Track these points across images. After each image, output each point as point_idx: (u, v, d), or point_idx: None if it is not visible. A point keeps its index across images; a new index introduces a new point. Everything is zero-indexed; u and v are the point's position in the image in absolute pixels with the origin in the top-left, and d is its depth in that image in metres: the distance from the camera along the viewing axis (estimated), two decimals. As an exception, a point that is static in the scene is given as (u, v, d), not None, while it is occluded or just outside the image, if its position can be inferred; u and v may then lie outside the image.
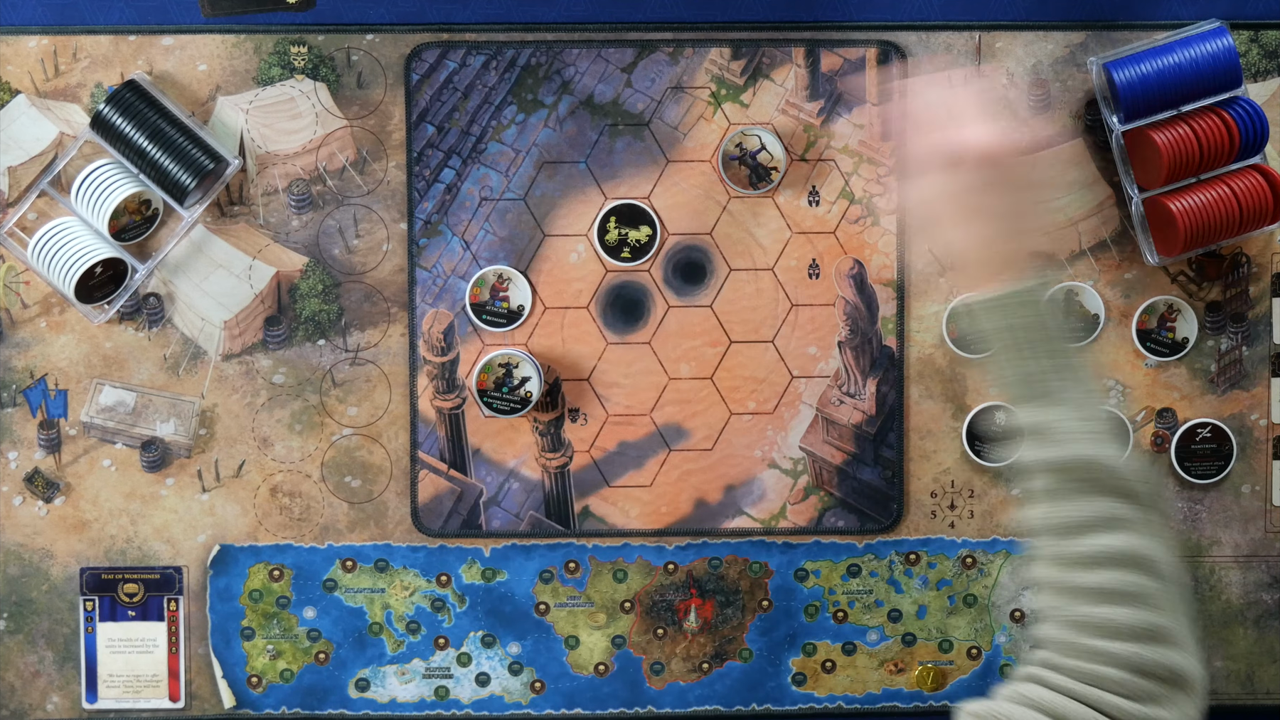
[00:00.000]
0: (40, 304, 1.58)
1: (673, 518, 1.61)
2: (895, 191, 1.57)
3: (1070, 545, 1.25)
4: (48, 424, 1.59)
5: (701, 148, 1.58)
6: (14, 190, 1.57)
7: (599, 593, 1.63)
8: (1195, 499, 1.62)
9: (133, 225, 1.56)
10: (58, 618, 1.61)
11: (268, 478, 1.60)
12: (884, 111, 1.55)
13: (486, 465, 1.61)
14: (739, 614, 1.63)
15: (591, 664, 1.64)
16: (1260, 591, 1.63)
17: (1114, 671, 1.23)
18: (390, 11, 1.57)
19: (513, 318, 1.58)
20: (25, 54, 1.56)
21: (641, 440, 1.61)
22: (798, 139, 1.58)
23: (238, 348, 1.59)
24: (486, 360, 1.58)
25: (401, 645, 1.63)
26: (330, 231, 1.59)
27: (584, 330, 1.59)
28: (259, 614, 1.62)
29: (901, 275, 1.59)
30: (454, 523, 1.61)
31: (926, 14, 1.57)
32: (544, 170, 1.58)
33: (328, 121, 1.58)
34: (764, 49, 1.57)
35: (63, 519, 1.60)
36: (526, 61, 1.57)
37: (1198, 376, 1.61)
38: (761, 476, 1.61)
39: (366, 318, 1.59)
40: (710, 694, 1.64)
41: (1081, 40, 1.58)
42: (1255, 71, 1.58)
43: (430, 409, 1.60)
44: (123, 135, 1.53)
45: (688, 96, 1.58)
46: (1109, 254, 1.60)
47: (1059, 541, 1.26)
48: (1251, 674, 1.64)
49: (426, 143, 1.58)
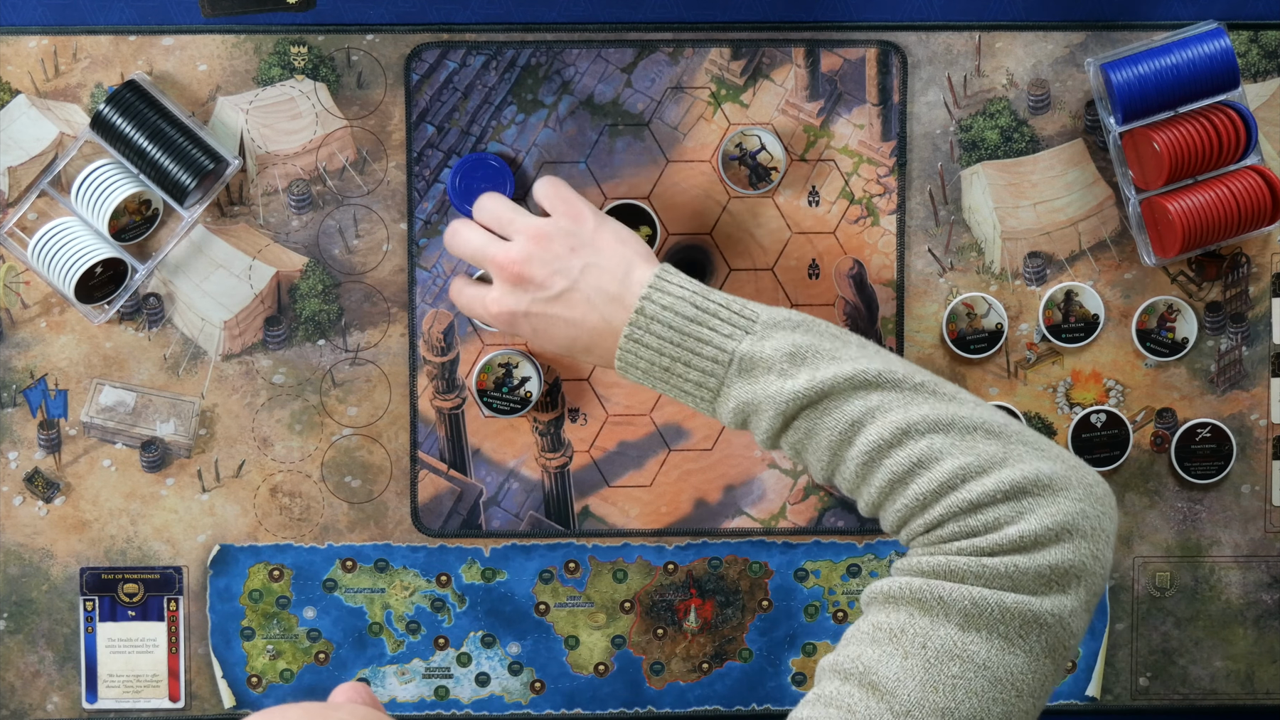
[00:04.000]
0: (40, 304, 1.58)
1: (673, 518, 1.61)
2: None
3: (850, 460, 1.25)
4: (48, 424, 1.59)
5: (701, 148, 1.58)
6: (14, 190, 1.57)
7: (599, 593, 1.63)
8: (1195, 499, 1.62)
9: (133, 225, 1.56)
10: (58, 618, 1.61)
11: (268, 478, 1.60)
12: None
13: (486, 465, 1.61)
14: (739, 614, 1.64)
15: (591, 664, 1.64)
16: (1260, 591, 1.63)
17: (955, 525, 1.22)
18: (390, 11, 1.57)
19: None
20: (25, 54, 1.56)
21: (641, 440, 1.61)
22: (797, 139, 1.58)
23: (238, 348, 1.59)
24: (486, 360, 1.58)
25: (401, 645, 1.63)
26: (330, 231, 1.59)
27: (585, 330, 1.59)
28: (259, 614, 1.62)
29: (901, 275, 1.59)
30: (454, 523, 1.61)
31: (926, 14, 1.57)
32: (544, 170, 1.58)
33: (328, 121, 1.58)
34: (764, 49, 1.57)
35: (63, 519, 1.60)
36: (526, 61, 1.57)
37: (1198, 376, 1.61)
38: (761, 476, 1.61)
39: (366, 318, 1.59)
40: (710, 694, 1.64)
41: (1081, 40, 1.58)
42: (1255, 72, 1.58)
43: (430, 409, 1.60)
44: (123, 135, 1.53)
45: (688, 96, 1.58)
46: (1109, 254, 1.60)
47: (841, 465, 1.26)
48: (1251, 674, 1.64)
49: (426, 143, 1.58)
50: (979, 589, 1.19)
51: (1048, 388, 1.61)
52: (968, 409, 1.25)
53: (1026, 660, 1.19)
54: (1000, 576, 1.19)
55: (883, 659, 1.19)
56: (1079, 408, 1.61)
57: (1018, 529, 1.20)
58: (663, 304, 1.35)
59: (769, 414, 1.29)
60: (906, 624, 1.20)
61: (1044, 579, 1.19)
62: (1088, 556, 1.21)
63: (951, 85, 1.58)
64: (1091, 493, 1.23)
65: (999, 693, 1.18)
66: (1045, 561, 1.19)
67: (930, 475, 1.22)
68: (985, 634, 1.19)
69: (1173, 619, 1.64)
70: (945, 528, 1.22)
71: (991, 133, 1.58)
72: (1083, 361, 1.61)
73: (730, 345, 1.32)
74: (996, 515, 1.20)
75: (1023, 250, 1.59)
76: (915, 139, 1.59)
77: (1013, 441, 1.23)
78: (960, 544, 1.21)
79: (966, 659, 1.18)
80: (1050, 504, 1.20)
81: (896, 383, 1.27)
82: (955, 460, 1.22)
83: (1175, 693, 1.64)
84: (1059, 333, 1.60)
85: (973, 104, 1.58)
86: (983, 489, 1.20)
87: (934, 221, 1.59)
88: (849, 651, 1.22)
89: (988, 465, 1.22)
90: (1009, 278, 1.60)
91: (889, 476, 1.24)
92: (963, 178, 1.59)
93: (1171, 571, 1.63)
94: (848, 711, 1.18)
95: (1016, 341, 1.60)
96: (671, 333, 1.34)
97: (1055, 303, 1.60)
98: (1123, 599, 1.63)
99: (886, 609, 1.22)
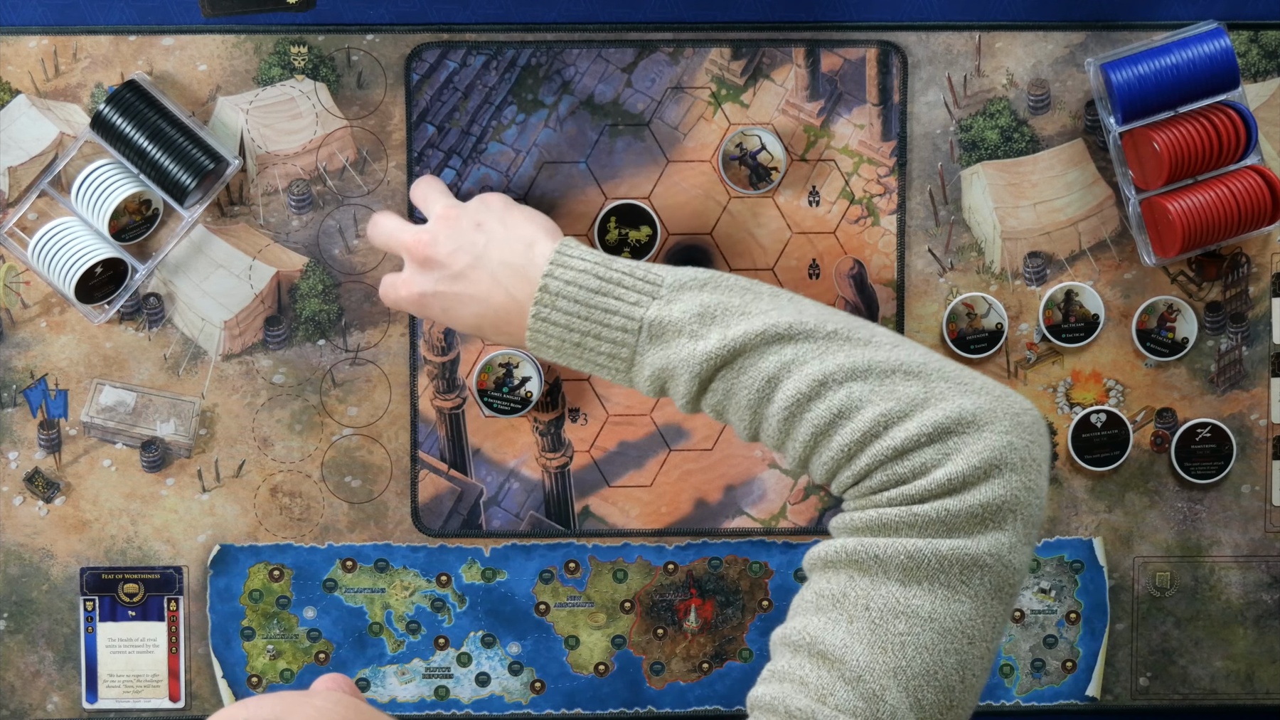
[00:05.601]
0: (40, 304, 1.58)
1: (673, 518, 1.61)
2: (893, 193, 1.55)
3: (771, 418, 1.24)
4: (48, 424, 1.59)
5: (702, 148, 1.58)
6: (14, 190, 1.57)
7: (599, 593, 1.63)
8: (1195, 499, 1.62)
9: (133, 225, 1.56)
10: (58, 618, 1.61)
11: (268, 478, 1.60)
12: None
13: (487, 465, 1.61)
14: (739, 614, 1.64)
15: (591, 664, 1.64)
16: (1260, 591, 1.63)
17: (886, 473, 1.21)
18: (390, 11, 1.57)
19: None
20: (25, 54, 1.56)
21: (642, 440, 1.61)
22: (798, 139, 1.58)
23: (238, 348, 1.59)
24: (486, 360, 1.58)
25: (401, 645, 1.63)
26: (330, 231, 1.59)
27: (585, 330, 1.59)
28: (259, 614, 1.62)
29: (901, 275, 1.59)
30: (454, 523, 1.61)
31: (926, 14, 1.57)
32: (544, 170, 1.58)
33: (328, 121, 1.58)
34: (764, 49, 1.57)
35: (63, 519, 1.60)
36: (527, 61, 1.57)
37: (1198, 376, 1.61)
38: (761, 476, 1.61)
39: (366, 318, 1.59)
40: (710, 694, 1.64)
41: (1081, 40, 1.58)
42: (1255, 72, 1.58)
43: (430, 409, 1.60)
44: (123, 135, 1.53)
45: (688, 96, 1.58)
46: (1109, 254, 1.60)
47: (763, 424, 1.25)
48: (1251, 674, 1.64)
49: (427, 143, 1.58)
50: (913, 539, 1.17)
51: (1048, 388, 1.61)
52: (884, 351, 1.23)
53: (973, 605, 1.17)
54: (933, 523, 1.17)
55: (828, 626, 1.18)
56: (1079, 408, 1.61)
57: (945, 471, 1.17)
58: (565, 279, 1.33)
59: (684, 378, 1.27)
60: (847, 587, 1.19)
61: (977, 519, 1.17)
62: (1019, 489, 1.18)
63: (951, 85, 1.58)
64: (1018, 422, 1.20)
65: (950, 643, 1.16)
66: (976, 500, 1.17)
67: (852, 425, 1.20)
68: (927, 585, 1.17)
69: (1173, 619, 1.64)
70: (874, 478, 1.20)
71: (991, 133, 1.58)
72: (1083, 361, 1.61)
73: (638, 312, 1.30)
74: (923, 460, 1.18)
75: (1023, 250, 1.59)
76: (915, 139, 1.59)
77: (933, 379, 1.21)
78: (890, 494, 1.19)
79: (911, 614, 1.16)
80: (976, 441, 1.18)
81: (809, 333, 1.24)
82: (876, 407, 1.20)
83: (1175, 693, 1.64)
84: (1059, 333, 1.60)
85: (973, 104, 1.58)
86: (906, 434, 1.18)
87: (934, 221, 1.59)
88: (796, 623, 1.21)
89: (909, 408, 1.19)
90: (1009, 278, 1.60)
91: (811, 430, 1.22)
92: (963, 178, 1.59)
93: (1171, 571, 1.63)
94: (800, 684, 1.17)
95: (1016, 341, 1.60)
96: (578, 307, 1.32)
97: (1055, 303, 1.60)
98: (1123, 599, 1.63)
99: (826, 574, 1.21)
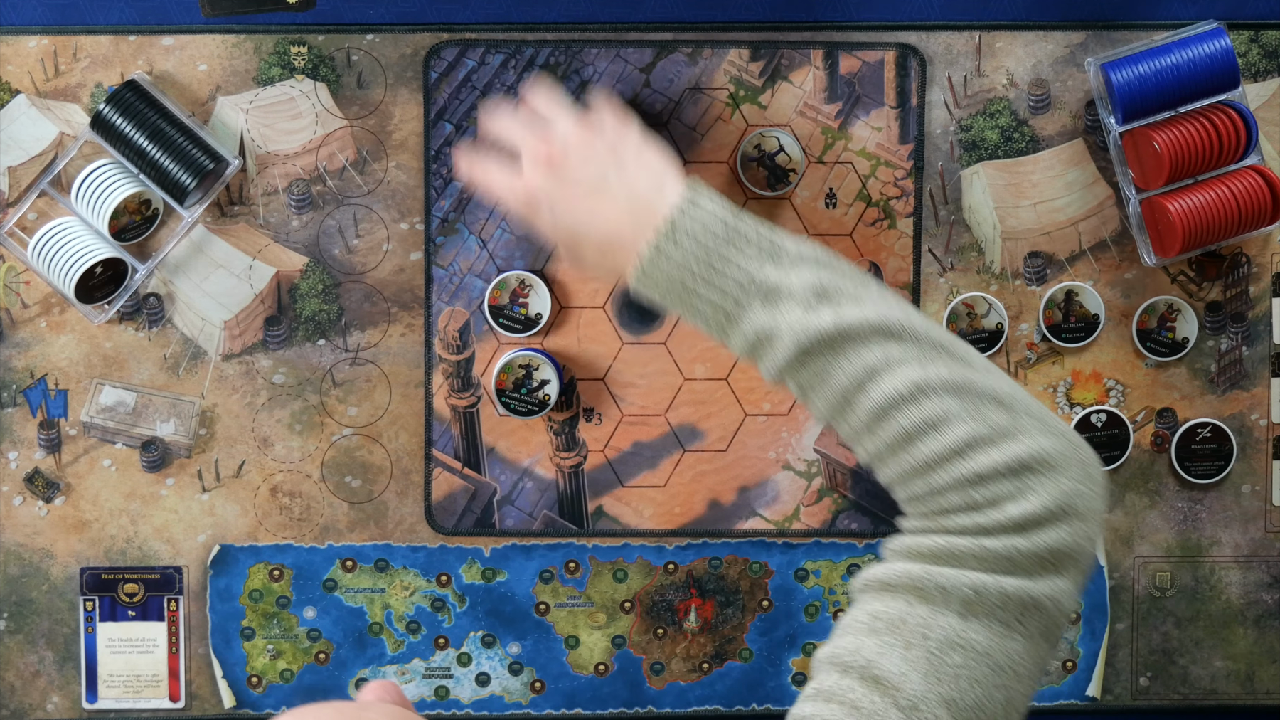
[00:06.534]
0: (40, 304, 1.58)
1: (686, 518, 1.61)
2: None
3: (860, 409, 1.24)
4: (48, 424, 1.59)
5: (719, 149, 1.58)
6: (14, 190, 1.56)
7: (599, 593, 1.63)
8: (1195, 499, 1.63)
9: (133, 225, 1.55)
10: (58, 618, 1.61)
11: (268, 478, 1.60)
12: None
13: (501, 464, 1.60)
14: (739, 614, 1.64)
15: (591, 664, 1.64)
16: (1260, 591, 1.64)
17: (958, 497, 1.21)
18: (390, 11, 1.57)
19: (529, 325, 1.58)
20: (25, 54, 1.55)
21: (656, 441, 1.61)
22: (815, 141, 1.58)
23: (238, 348, 1.59)
24: (506, 360, 1.58)
25: (401, 645, 1.63)
26: (330, 231, 1.58)
27: (600, 330, 1.59)
28: (259, 614, 1.62)
29: (917, 279, 1.59)
30: (468, 521, 1.61)
31: (926, 14, 1.58)
32: (546, 170, 1.58)
33: (328, 121, 1.57)
34: (782, 51, 1.57)
35: (63, 519, 1.60)
36: (545, 61, 1.57)
37: (1198, 376, 1.61)
38: (775, 478, 1.61)
39: (366, 318, 1.59)
40: (710, 694, 1.64)
41: (1081, 40, 1.58)
42: (1255, 71, 1.59)
43: (445, 407, 1.59)
44: (123, 135, 1.53)
45: (706, 97, 1.58)
46: (1109, 254, 1.60)
47: (848, 412, 1.25)
48: (1251, 674, 1.65)
49: (444, 141, 1.57)
50: (979, 575, 1.18)
51: (1048, 388, 1.61)
52: (980, 374, 1.24)
53: (1025, 644, 1.18)
54: (1000, 560, 1.18)
55: (884, 650, 1.18)
56: (1079, 408, 1.61)
57: (1019, 507, 1.18)
58: (696, 218, 1.30)
59: (786, 345, 1.25)
60: (906, 613, 1.19)
61: (1041, 561, 1.18)
62: (1083, 538, 1.20)
63: (951, 85, 1.58)
64: (1087, 473, 1.22)
65: (1000, 679, 1.18)
66: (1044, 543, 1.18)
67: (940, 439, 1.21)
68: (985, 620, 1.18)
69: (1173, 619, 1.64)
70: (947, 496, 1.20)
71: (991, 133, 1.59)
72: (1083, 361, 1.61)
73: (757, 270, 1.29)
74: (999, 491, 1.19)
75: (1023, 250, 1.60)
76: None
77: (1020, 414, 1.22)
78: (960, 519, 1.20)
79: (968, 647, 1.18)
80: (1051, 483, 1.19)
81: (916, 336, 1.24)
82: (966, 426, 1.20)
83: (1175, 693, 1.65)
84: (1059, 333, 1.60)
85: (973, 104, 1.59)
86: (990, 461, 1.19)
87: (934, 221, 1.59)
88: (847, 643, 1.21)
89: (996, 436, 1.20)
90: (1009, 278, 1.60)
91: (898, 432, 1.22)
92: (963, 178, 1.59)
93: (1172, 571, 1.63)
94: (852, 707, 1.17)
95: (1017, 341, 1.61)
96: (700, 249, 1.29)
97: (1055, 302, 1.60)
98: (1123, 599, 1.63)
99: (883, 597, 1.21)
